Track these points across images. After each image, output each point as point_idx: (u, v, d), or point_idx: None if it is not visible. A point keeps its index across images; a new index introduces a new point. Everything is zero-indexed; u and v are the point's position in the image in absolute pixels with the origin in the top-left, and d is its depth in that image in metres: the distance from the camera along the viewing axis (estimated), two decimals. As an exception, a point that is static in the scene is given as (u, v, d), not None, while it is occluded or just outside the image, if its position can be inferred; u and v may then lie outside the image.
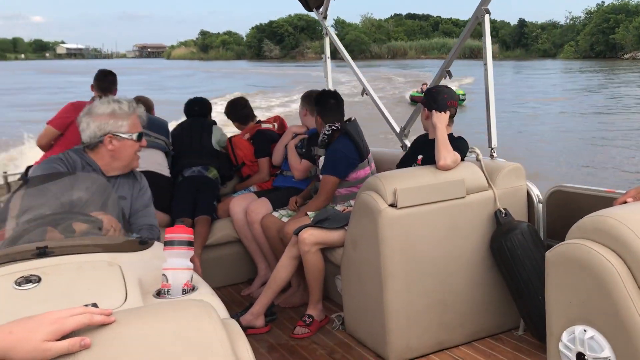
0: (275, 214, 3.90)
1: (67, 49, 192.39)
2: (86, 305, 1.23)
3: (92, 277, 1.70)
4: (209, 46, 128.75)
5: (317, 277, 3.37)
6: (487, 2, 3.17)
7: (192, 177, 4.31)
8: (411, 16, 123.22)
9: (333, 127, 3.68)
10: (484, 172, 3.08)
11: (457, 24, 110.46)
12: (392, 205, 2.82)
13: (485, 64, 3.24)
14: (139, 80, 42.94)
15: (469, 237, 3.01)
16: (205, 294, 1.68)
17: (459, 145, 3.13)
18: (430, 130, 3.25)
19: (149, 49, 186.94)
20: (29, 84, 49.18)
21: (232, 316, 1.53)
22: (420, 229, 2.88)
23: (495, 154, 3.30)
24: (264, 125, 4.59)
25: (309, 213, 3.60)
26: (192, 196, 4.20)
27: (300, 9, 4.87)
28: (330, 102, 3.79)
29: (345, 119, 3.74)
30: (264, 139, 4.48)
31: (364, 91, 4.57)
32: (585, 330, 1.77)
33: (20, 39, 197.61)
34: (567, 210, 3.04)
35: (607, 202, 2.13)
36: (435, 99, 3.17)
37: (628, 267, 1.67)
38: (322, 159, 3.72)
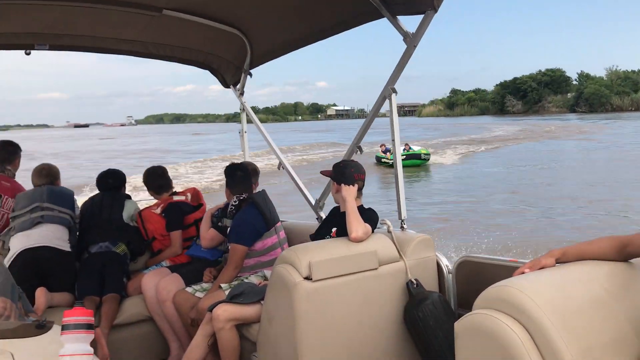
0: (189, 289, 3.79)
1: (337, 110, 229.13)
2: None
3: None
4: (455, 103, 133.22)
5: (232, 356, 3.26)
6: (394, 82, 3.36)
7: (98, 254, 4.12)
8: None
9: (240, 197, 3.75)
10: (395, 244, 3.16)
11: None
12: (307, 278, 2.82)
13: (393, 140, 3.39)
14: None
15: (383, 308, 3.04)
16: None
17: (370, 216, 3.21)
18: (341, 203, 3.34)
19: (406, 108, 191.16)
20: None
21: None
22: (336, 301, 2.89)
23: (405, 226, 3.40)
24: (176, 198, 4.50)
25: (222, 286, 3.54)
26: (99, 273, 4.01)
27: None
28: (238, 174, 3.90)
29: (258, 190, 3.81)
30: (177, 211, 4.39)
31: (280, 165, 4.64)
32: None
33: (301, 103, 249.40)
34: (474, 279, 3.15)
35: (510, 270, 2.23)
36: (343, 173, 3.28)
37: (530, 335, 1.74)
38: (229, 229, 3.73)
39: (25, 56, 4.09)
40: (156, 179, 4.58)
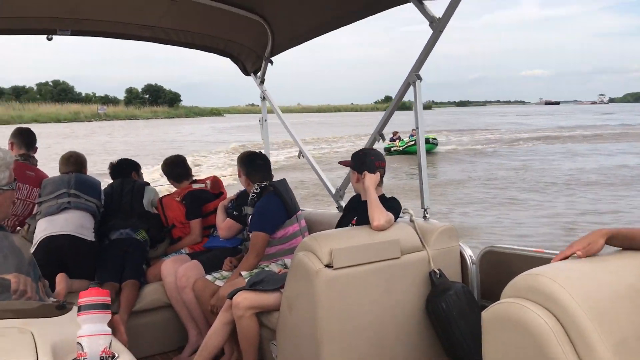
0: (209, 277, 3.78)
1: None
2: None
3: None
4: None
5: (251, 343, 3.23)
6: (419, 68, 3.29)
7: (119, 240, 4.13)
8: None
9: (262, 185, 3.72)
10: (417, 233, 3.10)
11: None
12: (328, 265, 2.78)
13: (417, 128, 3.33)
14: None
15: (405, 298, 3.00)
16: None
17: (393, 205, 3.16)
18: (362, 193, 3.29)
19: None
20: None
21: None
22: (357, 289, 2.84)
23: (428, 215, 3.35)
24: (195, 186, 4.49)
25: (243, 274, 3.52)
26: (119, 260, 4.02)
27: None
28: (257, 163, 3.88)
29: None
30: (195, 200, 4.38)
31: (301, 153, 4.61)
32: None
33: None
34: (499, 270, 3.08)
35: (536, 261, 2.17)
36: (364, 161, 3.23)
37: (561, 324, 1.68)
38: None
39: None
40: (174, 168, 4.58)
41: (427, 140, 28.52)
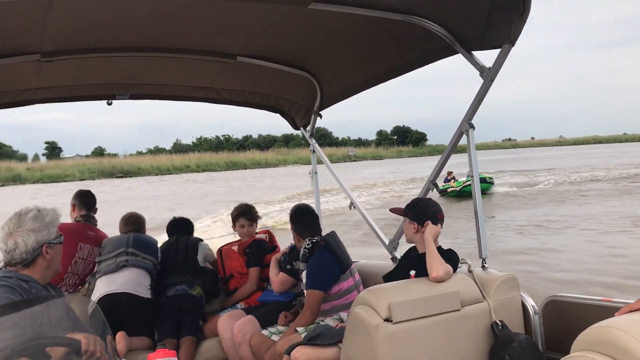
0: (265, 332, 3.77)
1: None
2: None
3: None
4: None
5: None
6: (471, 117, 3.29)
7: (175, 296, 4.20)
8: None
9: (313, 240, 3.71)
10: (477, 284, 3.04)
11: None
12: (387, 320, 2.74)
13: (472, 176, 3.30)
14: None
15: (467, 351, 2.91)
16: None
17: (450, 257, 3.12)
18: (419, 244, 3.25)
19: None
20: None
21: None
22: (417, 344, 2.78)
23: (487, 264, 3.28)
24: (257, 236, 4.56)
25: (298, 329, 3.50)
26: (176, 316, 4.07)
27: None
28: (305, 218, 3.89)
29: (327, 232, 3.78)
30: (260, 249, 4.45)
31: (352, 204, 4.62)
32: None
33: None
34: (564, 320, 2.98)
35: (603, 311, 2.09)
36: (425, 212, 3.20)
37: None
38: (304, 273, 3.69)
39: None
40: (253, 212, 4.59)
41: (482, 180, 27.66)
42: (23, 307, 2.15)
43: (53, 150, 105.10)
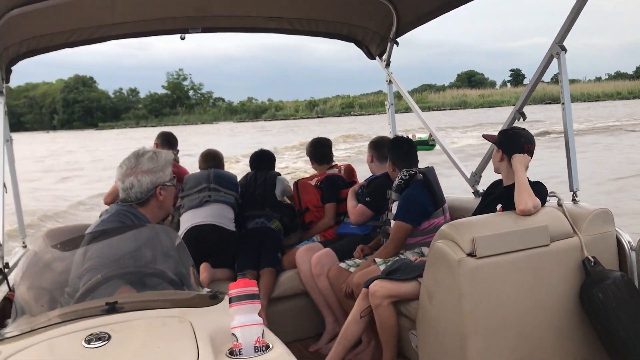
0: (342, 264, 3.77)
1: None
2: None
3: (162, 334, 1.62)
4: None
5: (390, 333, 3.17)
6: (564, 38, 3.02)
7: (255, 229, 4.27)
8: None
9: (411, 171, 3.59)
10: (567, 218, 2.87)
11: None
12: (471, 254, 2.64)
13: (563, 104, 3.06)
14: None
15: (555, 289, 2.78)
16: (281, 354, 1.56)
17: (539, 189, 2.94)
18: (504, 174, 3.09)
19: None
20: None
21: None
22: (502, 280, 2.68)
23: (578, 198, 3.08)
24: (329, 172, 4.55)
25: (377, 260, 3.47)
26: (256, 248, 4.14)
27: None
28: (404, 148, 3.75)
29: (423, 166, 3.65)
30: (333, 184, 4.44)
31: (430, 136, 4.46)
32: None
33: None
34: None
35: None
36: (514, 141, 3.02)
37: None
38: (395, 204, 3.60)
39: None
40: (320, 148, 4.68)
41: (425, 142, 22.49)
42: (124, 231, 2.32)
43: (517, 77, 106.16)
